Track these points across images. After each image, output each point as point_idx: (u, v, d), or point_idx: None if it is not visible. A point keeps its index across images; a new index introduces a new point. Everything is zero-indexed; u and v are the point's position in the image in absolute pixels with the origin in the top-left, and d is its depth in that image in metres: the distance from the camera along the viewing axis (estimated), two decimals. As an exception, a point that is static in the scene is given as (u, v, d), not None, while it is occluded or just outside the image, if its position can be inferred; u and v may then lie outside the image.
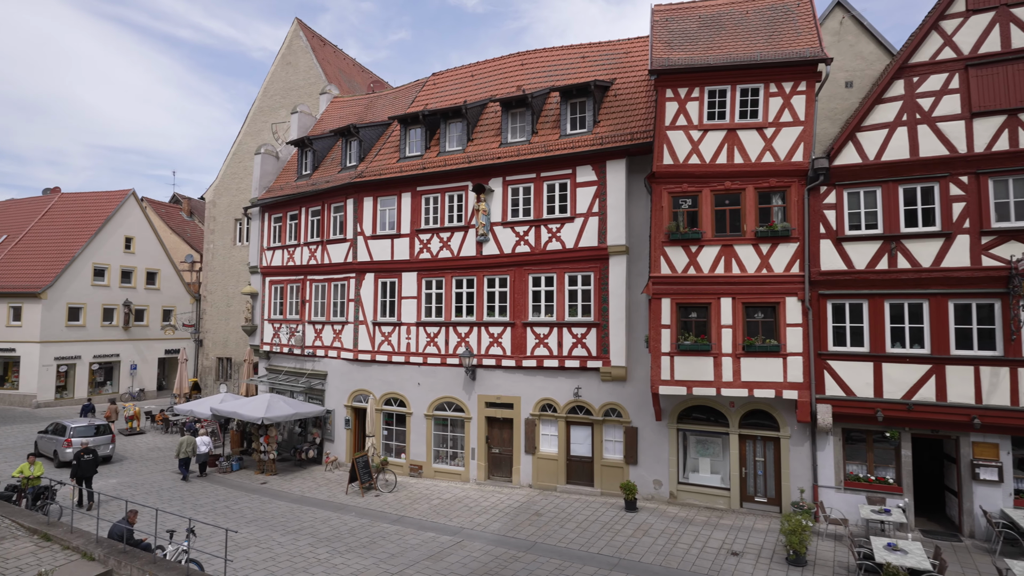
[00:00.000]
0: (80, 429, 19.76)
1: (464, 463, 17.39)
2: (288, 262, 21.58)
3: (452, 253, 17.67)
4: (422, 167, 18.26)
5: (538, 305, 16.58)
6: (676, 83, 14.24)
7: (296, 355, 21.15)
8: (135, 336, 37.85)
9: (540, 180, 16.66)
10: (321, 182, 20.72)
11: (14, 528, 11.36)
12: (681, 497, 14.96)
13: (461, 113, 18.36)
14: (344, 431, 19.47)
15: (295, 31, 30.51)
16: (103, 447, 19.63)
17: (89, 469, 15.39)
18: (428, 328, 18.02)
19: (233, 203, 31.13)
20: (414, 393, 18.15)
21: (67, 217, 37.98)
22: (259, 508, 15.49)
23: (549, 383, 16.39)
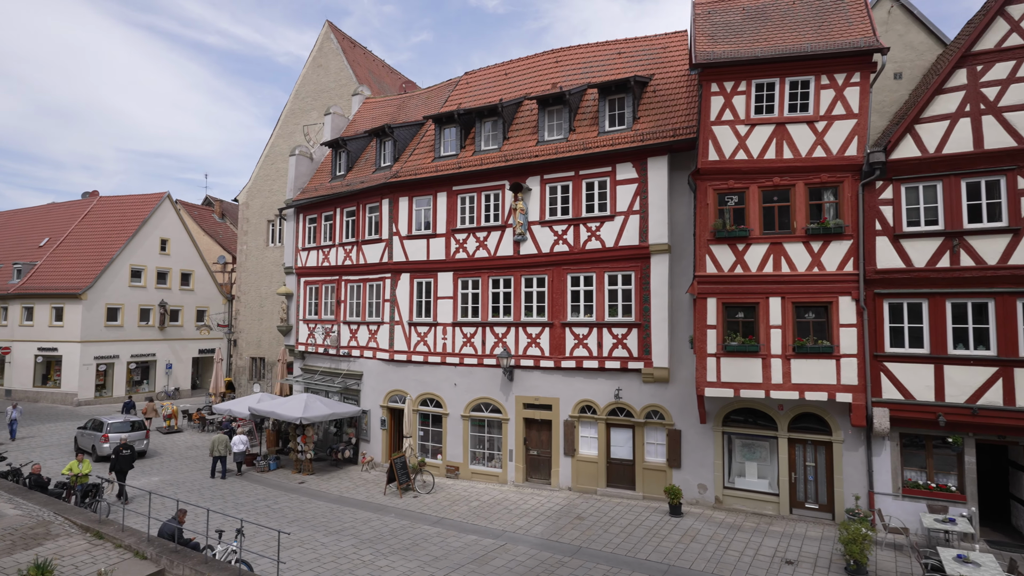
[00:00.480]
0: (116, 425, 20.60)
1: (502, 465, 17.21)
2: (323, 263, 21.69)
3: (489, 253, 17.51)
4: (458, 166, 18.14)
5: (577, 305, 16.33)
6: (722, 77, 13.85)
7: (331, 355, 21.23)
8: (170, 336, 38.63)
9: (579, 178, 16.40)
10: (356, 183, 20.77)
11: (67, 525, 11.52)
12: (727, 502, 14.55)
13: (496, 112, 18.20)
14: (380, 431, 19.46)
15: (326, 34, 30.74)
16: (138, 443, 20.47)
17: (126, 464, 16.12)
18: (464, 328, 17.89)
19: (266, 205, 31.50)
20: (450, 394, 18.04)
21: (105, 220, 38.94)
22: (299, 508, 15.53)
23: (588, 384, 16.12)
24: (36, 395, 34.60)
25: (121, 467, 16.01)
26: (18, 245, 40.16)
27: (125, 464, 16.09)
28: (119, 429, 20.48)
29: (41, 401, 34.26)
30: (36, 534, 11.06)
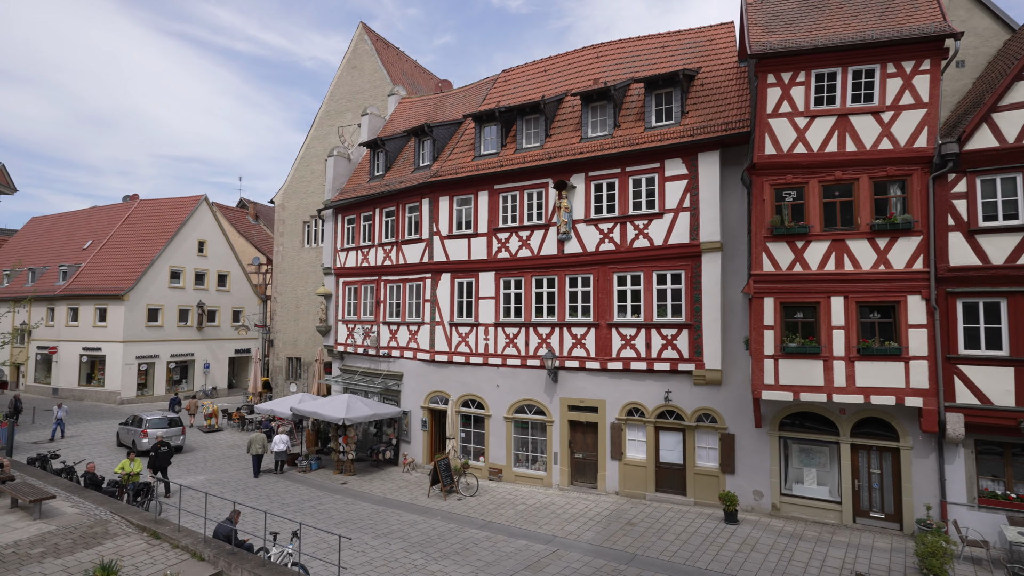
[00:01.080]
0: (155, 422, 21.48)
1: (546, 468, 16.91)
2: (362, 263, 21.68)
3: (532, 252, 17.23)
4: (499, 165, 17.91)
5: (624, 305, 15.94)
6: (779, 67, 13.32)
7: (371, 356, 21.21)
8: (207, 336, 39.30)
9: (625, 175, 16.01)
10: (395, 183, 20.71)
11: (124, 525, 11.60)
12: (784, 510, 14.00)
13: (538, 108, 17.91)
14: (420, 432, 19.35)
15: (360, 35, 30.86)
16: (175, 438, 21.36)
17: (164, 460, 16.68)
18: (507, 329, 17.65)
19: (301, 206, 31.76)
20: (493, 395, 17.82)
21: (145, 222, 39.82)
22: (344, 509, 15.47)
23: (636, 386, 15.72)
24: (81, 394, 35.54)
25: (159, 463, 16.55)
26: (63, 248, 41.35)
27: (163, 460, 16.64)
28: (157, 425, 21.29)
29: (86, 399, 35.16)
30: (95, 533, 11.16)
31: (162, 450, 16.65)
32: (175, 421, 21.99)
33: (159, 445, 16.75)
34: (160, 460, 16.54)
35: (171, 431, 21.30)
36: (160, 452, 16.61)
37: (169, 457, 16.78)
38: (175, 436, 21.41)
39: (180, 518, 11.53)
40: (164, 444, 16.84)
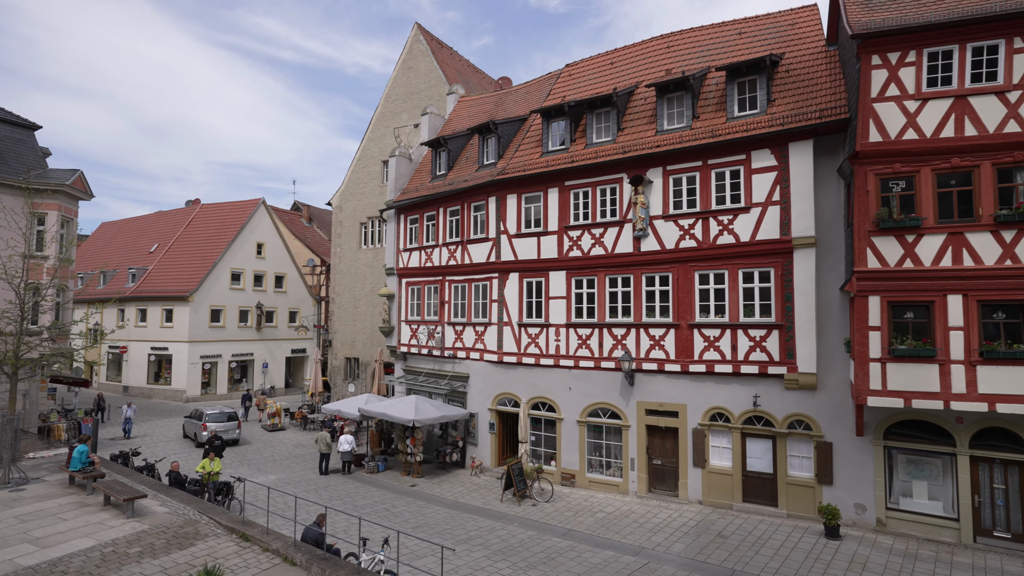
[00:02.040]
0: (213, 415, 23.08)
1: (623, 474, 16.28)
2: (426, 263, 21.53)
3: (605, 250, 16.63)
4: (570, 160, 17.38)
5: (706, 305, 15.16)
6: (886, 47, 12.32)
7: (435, 357, 21.01)
8: (266, 336, 40.21)
9: (707, 168, 15.23)
10: (459, 181, 20.45)
11: (213, 525, 11.62)
12: (891, 525, 12.96)
13: (610, 101, 17.30)
14: (488, 435, 19.00)
15: (415, 35, 30.87)
16: (230, 432, 22.80)
17: (217, 453, 17.47)
18: (579, 330, 17.10)
19: (358, 207, 32.01)
20: (565, 398, 17.30)
21: (207, 225, 41.07)
22: (418, 513, 15.24)
23: (720, 390, 14.92)
24: (150, 391, 36.88)
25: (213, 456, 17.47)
26: (131, 251, 43.09)
27: (217, 454, 17.31)
28: (216, 419, 22.83)
29: (154, 397, 36.46)
30: (187, 534, 11.20)
31: (216, 443, 17.78)
32: (232, 416, 23.37)
33: (213, 439, 18.02)
34: (213, 452, 17.22)
35: (227, 425, 22.74)
36: (214, 446, 17.71)
37: (222, 451, 17.84)
38: (231, 430, 22.78)
39: (269, 520, 11.45)
40: (218, 438, 18.11)
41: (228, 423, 22.92)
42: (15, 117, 24.31)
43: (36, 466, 15.84)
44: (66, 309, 25.05)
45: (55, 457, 16.95)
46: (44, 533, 10.89)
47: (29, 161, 24.00)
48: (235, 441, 23.11)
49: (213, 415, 22.95)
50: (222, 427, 22.23)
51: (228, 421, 23.01)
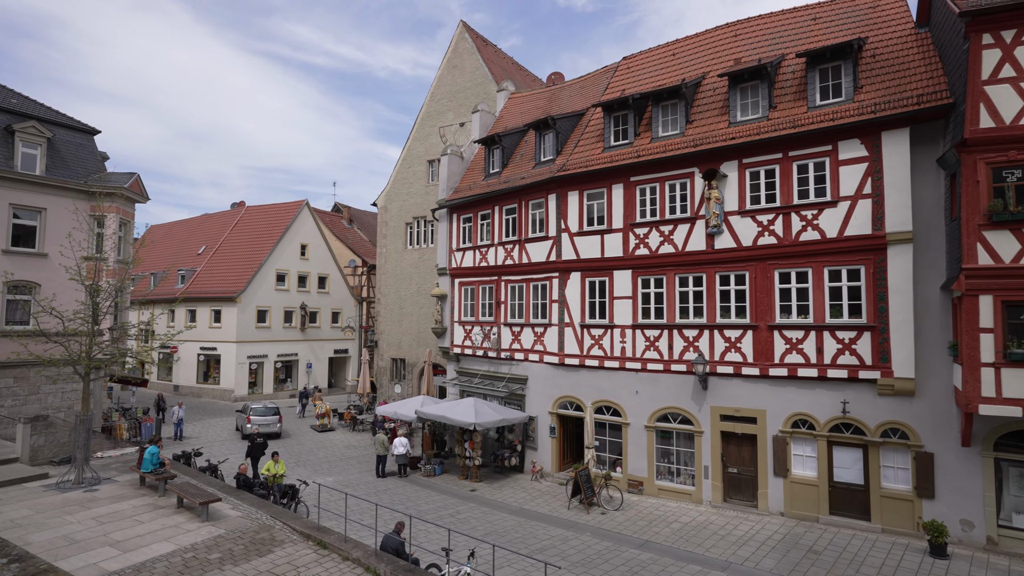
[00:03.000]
0: (258, 410, 24.88)
1: (695, 482, 15.55)
2: (480, 263, 21.12)
3: (676, 248, 15.94)
4: (636, 155, 16.73)
5: (787, 305, 14.34)
6: (999, 25, 11.34)
7: (491, 358, 20.59)
8: (310, 337, 40.51)
9: (788, 160, 14.41)
10: (515, 179, 19.99)
11: (288, 531, 11.38)
12: (1004, 544, 11.95)
13: (678, 93, 16.59)
14: (549, 439, 18.48)
15: (460, 33, 30.59)
16: (272, 425, 24.35)
17: (259, 450, 18.31)
18: (647, 331, 16.44)
19: (404, 208, 31.89)
20: (631, 402, 16.66)
21: (252, 227, 41.62)
22: (484, 519, 14.80)
23: (804, 395, 14.08)
24: (199, 391, 37.51)
25: (255, 453, 18.22)
26: (179, 253, 43.99)
27: (258, 451, 18.27)
28: (260, 413, 24.62)
29: (203, 396, 37.05)
30: (263, 539, 10.97)
31: (258, 441, 18.38)
32: (275, 411, 24.98)
33: (255, 436, 18.58)
34: (255, 450, 18.25)
35: (269, 419, 24.40)
36: (256, 443, 18.30)
37: (263, 448, 18.38)
38: (272, 424, 24.37)
39: (346, 527, 11.15)
40: (260, 436, 18.72)
41: (270, 417, 24.49)
42: (75, 122, 24.85)
43: (105, 466, 15.96)
44: (124, 310, 25.52)
45: (122, 456, 17.11)
46: (123, 536, 10.79)
47: (89, 165, 24.48)
48: (277, 434, 24.55)
49: (257, 409, 24.76)
50: (265, 420, 24.12)
51: (271, 415, 24.57)
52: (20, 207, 21.49)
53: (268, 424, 24.22)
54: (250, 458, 18.00)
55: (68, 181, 22.63)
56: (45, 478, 14.26)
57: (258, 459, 18.24)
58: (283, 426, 25.36)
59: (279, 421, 24.80)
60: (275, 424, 24.56)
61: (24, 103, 23.66)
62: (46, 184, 21.96)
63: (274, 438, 24.28)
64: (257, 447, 18.31)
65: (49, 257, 22.05)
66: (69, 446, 16.24)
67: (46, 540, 10.45)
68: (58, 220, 22.40)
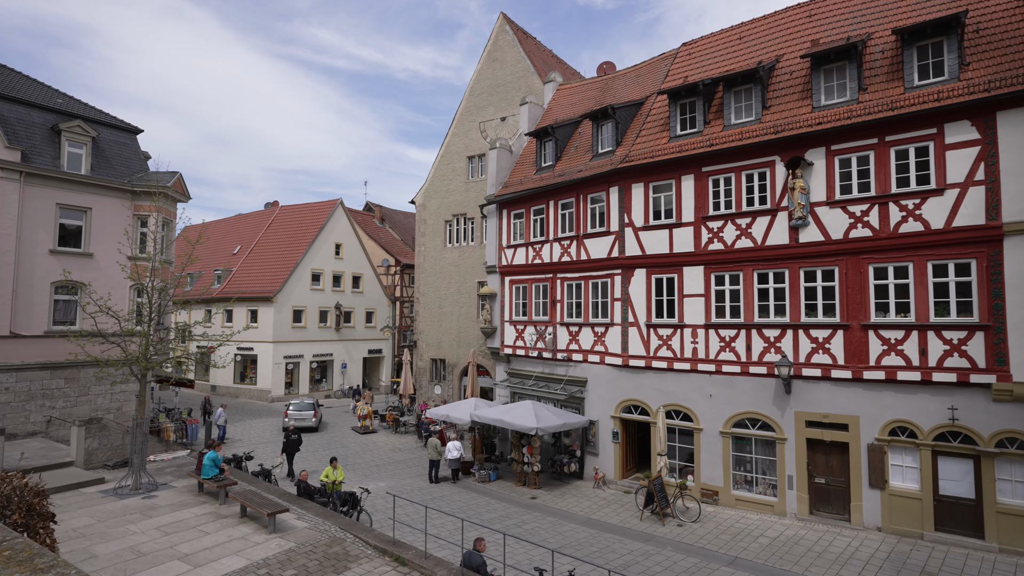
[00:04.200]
0: (296, 405, 26.30)
1: (778, 492, 14.51)
2: (534, 260, 20.29)
3: (754, 242, 14.91)
4: (708, 144, 15.73)
5: (884, 303, 13.23)
6: None
7: (545, 359, 19.75)
8: (344, 336, 40.14)
9: (884, 146, 13.29)
10: (572, 171, 19.11)
11: (360, 544, 10.69)
12: None
13: (753, 77, 15.57)
14: (611, 445, 17.57)
15: (500, 26, 29.81)
16: (308, 419, 25.47)
17: (294, 447, 18.57)
18: (721, 331, 15.44)
19: (442, 205, 31.22)
20: (704, 406, 15.67)
21: (287, 227, 41.40)
22: (552, 530, 13.97)
23: (904, 401, 12.95)
24: (236, 391, 37.37)
25: (290, 449, 18.52)
26: (215, 253, 43.99)
27: (292, 447, 18.55)
28: (300, 407, 25.98)
29: (240, 397, 36.89)
30: (336, 554, 10.29)
31: (292, 438, 18.54)
32: (311, 406, 26.08)
33: (289, 433, 18.74)
34: (289, 447, 18.48)
35: (305, 413, 25.60)
36: (290, 440, 18.50)
37: (298, 445, 18.66)
38: (308, 418, 25.46)
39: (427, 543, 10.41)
40: (295, 432, 18.83)
41: (306, 412, 25.75)
42: (119, 121, 24.66)
43: (159, 470, 15.51)
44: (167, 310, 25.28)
45: (174, 460, 16.67)
46: (191, 549, 10.20)
47: (133, 165, 24.27)
48: (313, 428, 25.79)
49: (296, 404, 26.30)
50: (302, 415, 25.44)
51: (307, 410, 25.84)
52: (66, 207, 21.31)
53: (305, 419, 25.24)
54: (285, 453, 18.45)
55: (113, 180, 22.41)
56: (102, 483, 13.83)
57: (293, 454, 18.59)
58: (319, 421, 26.32)
59: (314, 416, 25.71)
60: (311, 419, 25.51)
61: (69, 103, 23.53)
62: (92, 183, 21.76)
63: (309, 432, 25.29)
64: (292, 443, 18.51)
65: (95, 257, 21.85)
66: (123, 449, 15.85)
67: (112, 552, 9.91)
68: (103, 220, 22.21)
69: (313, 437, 24.95)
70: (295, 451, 18.70)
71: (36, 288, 20.36)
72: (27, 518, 4.96)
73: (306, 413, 25.59)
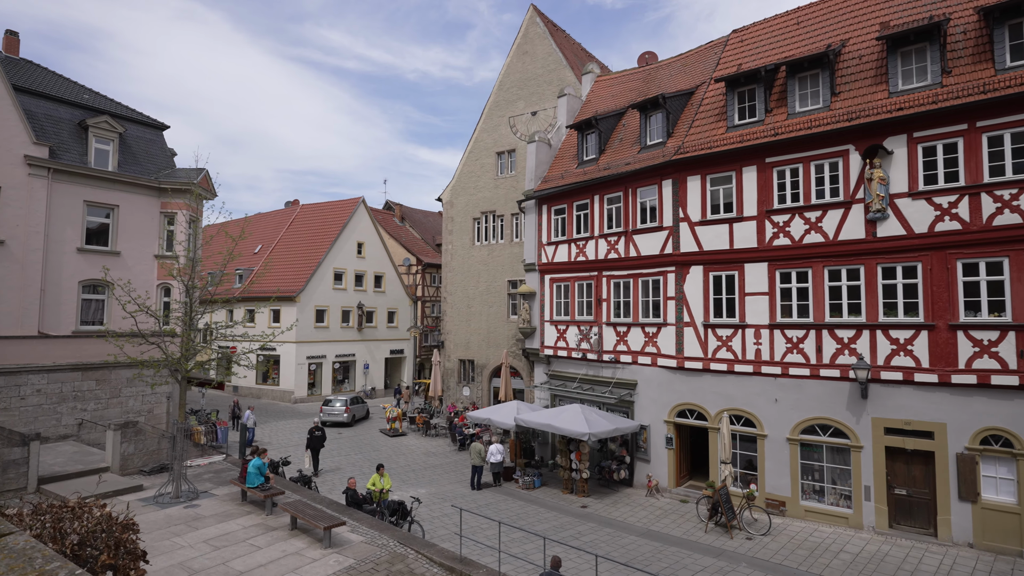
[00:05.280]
0: (329, 401, 27.63)
1: (853, 504, 13.59)
2: (577, 257, 19.46)
3: (825, 237, 14.00)
4: (772, 133, 14.84)
5: (974, 301, 12.29)
6: None
7: (589, 361, 18.92)
8: (366, 337, 39.52)
9: (975, 132, 12.34)
10: (619, 164, 18.27)
11: (425, 562, 9.92)
12: None
13: (821, 62, 14.66)
14: (664, 451, 16.72)
15: (531, 18, 29.01)
16: (340, 414, 26.96)
17: (318, 443, 18.57)
18: (787, 331, 14.54)
19: (471, 202, 30.47)
20: (768, 411, 14.78)
21: (308, 226, 40.85)
22: (613, 542, 13.15)
23: (999, 407, 12.00)
24: (259, 392, 36.84)
25: (314, 446, 18.47)
26: (235, 251, 43.47)
27: (317, 444, 18.51)
28: (330, 403, 27.47)
29: (263, 398, 36.35)
30: (399, 572, 9.53)
31: (316, 435, 18.46)
32: (345, 402, 27.26)
33: (314, 430, 18.64)
34: (314, 443, 18.43)
35: (338, 408, 26.97)
36: (314, 436, 18.43)
37: (322, 441, 18.68)
38: (340, 413, 26.90)
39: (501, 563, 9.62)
40: (319, 429, 18.71)
41: (339, 407, 27.08)
42: (145, 117, 24.13)
43: (196, 476, 14.87)
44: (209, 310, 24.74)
45: (210, 465, 16.04)
46: (245, 566, 9.49)
47: (159, 161, 23.73)
48: (346, 423, 27.14)
49: (330, 399, 27.74)
50: (335, 410, 26.98)
51: (339, 406, 27.12)
52: (94, 204, 20.78)
53: (338, 413, 26.81)
54: (310, 450, 18.42)
55: (140, 177, 21.86)
56: (140, 490, 13.20)
57: (318, 451, 18.61)
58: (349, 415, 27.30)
59: (346, 411, 26.95)
60: (342, 414, 26.87)
61: (96, 99, 23.03)
62: (119, 180, 21.22)
63: (344, 426, 27.00)
64: (316, 439, 18.48)
65: (122, 255, 21.31)
66: (158, 454, 15.24)
67: (163, 570, 9.22)
68: (130, 218, 21.68)
69: (342, 440, 24.31)
70: (319, 447, 18.73)
71: (64, 287, 19.85)
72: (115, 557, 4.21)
73: (339, 408, 27.00)
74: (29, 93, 20.13)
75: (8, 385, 15.38)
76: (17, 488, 12.44)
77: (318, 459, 18.57)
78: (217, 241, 47.09)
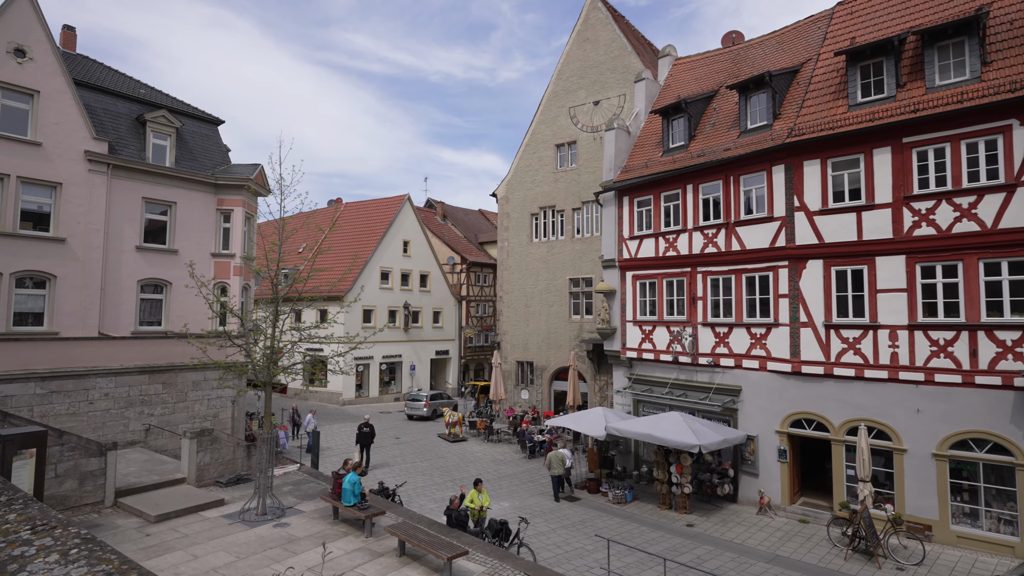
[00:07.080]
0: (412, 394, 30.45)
1: (1021, 530, 11.87)
2: (666, 252, 17.98)
3: (981, 225, 12.30)
4: (911, 109, 13.18)
5: None
6: None
7: (680, 364, 17.42)
8: (412, 337, 38.52)
9: None
10: (716, 151, 16.75)
11: (562, 598, 8.57)
12: None
13: (968, 27, 12.95)
14: (776, 464, 15.15)
15: (592, 3, 27.58)
16: (419, 409, 29.15)
17: (367, 439, 19.03)
18: (931, 332, 12.87)
19: (527, 197, 29.17)
20: (908, 423, 13.12)
21: (352, 225, 40.05)
22: (742, 571, 11.66)
23: None
24: (306, 394, 36.05)
25: (363, 441, 18.94)
26: (279, 252, 42.94)
27: (366, 440, 18.98)
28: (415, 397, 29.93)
29: (310, 400, 35.56)
30: (539, 611, 8.20)
31: (364, 430, 18.90)
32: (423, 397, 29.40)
33: (363, 426, 19.03)
34: (363, 439, 18.93)
35: (418, 404, 29.32)
36: (363, 432, 18.89)
37: (371, 437, 19.09)
38: (419, 408, 29.13)
39: None
40: (367, 425, 19.05)
41: (419, 403, 29.29)
42: (201, 112, 23.39)
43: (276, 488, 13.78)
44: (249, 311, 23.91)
45: (286, 476, 15.00)
46: (363, 601, 8.28)
47: (215, 157, 22.96)
48: (427, 417, 29.13)
49: (414, 394, 30.32)
50: (415, 404, 29.39)
51: (419, 401, 29.37)
52: (152, 201, 20.02)
53: (417, 409, 29.12)
54: (359, 445, 18.84)
55: (197, 173, 21.07)
56: (221, 505, 12.17)
57: (367, 446, 18.93)
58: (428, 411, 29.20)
59: (424, 406, 28.99)
60: (421, 408, 28.98)
61: (152, 93, 22.34)
62: (176, 176, 20.44)
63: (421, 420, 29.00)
64: (365, 435, 18.82)
65: (180, 253, 20.52)
66: (233, 464, 14.25)
67: (273, 606, 8.06)
68: (187, 215, 20.89)
69: (401, 445, 23.25)
70: (369, 443, 19.12)
71: (123, 286, 19.12)
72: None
73: (418, 404, 29.16)
74: (88, 87, 19.46)
75: (77, 389, 14.55)
76: (94, 502, 11.52)
77: (369, 455, 19.09)
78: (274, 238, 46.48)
